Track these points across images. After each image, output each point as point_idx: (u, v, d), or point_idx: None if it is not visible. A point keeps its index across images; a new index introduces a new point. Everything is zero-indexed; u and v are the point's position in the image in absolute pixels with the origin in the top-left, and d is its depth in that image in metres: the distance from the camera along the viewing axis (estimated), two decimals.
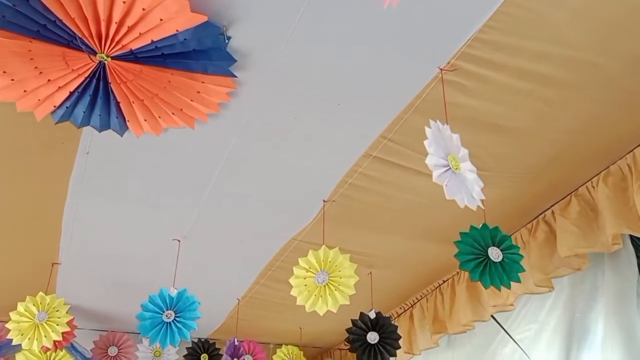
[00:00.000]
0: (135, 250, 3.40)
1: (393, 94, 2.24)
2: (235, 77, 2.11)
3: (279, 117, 2.36)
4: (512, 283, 2.12)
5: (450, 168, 1.91)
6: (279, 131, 2.45)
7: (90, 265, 3.58)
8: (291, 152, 2.58)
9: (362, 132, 2.45)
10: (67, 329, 3.47)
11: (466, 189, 1.91)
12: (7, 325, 3.45)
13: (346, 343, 4.63)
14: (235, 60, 2.04)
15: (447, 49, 2.03)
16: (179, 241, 3.24)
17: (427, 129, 1.88)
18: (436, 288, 3.92)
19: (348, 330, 3.13)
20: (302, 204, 2.97)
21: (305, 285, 2.65)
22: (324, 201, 2.91)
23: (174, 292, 3.06)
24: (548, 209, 3.01)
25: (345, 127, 2.42)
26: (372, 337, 3.11)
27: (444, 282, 3.84)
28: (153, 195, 2.92)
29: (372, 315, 3.28)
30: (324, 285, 2.67)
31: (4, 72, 2.02)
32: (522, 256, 2.16)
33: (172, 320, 3.08)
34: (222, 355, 4.58)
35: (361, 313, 3.21)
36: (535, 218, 3.09)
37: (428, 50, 2.03)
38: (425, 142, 1.86)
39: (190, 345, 4.54)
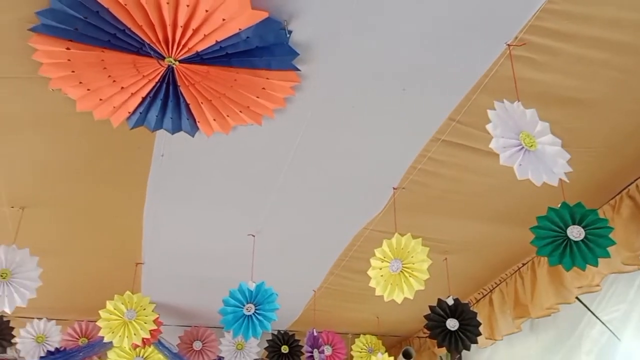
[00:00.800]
0: (213, 247, 3.50)
1: (459, 74, 2.19)
2: (299, 70, 2.12)
3: (344, 107, 2.36)
4: (599, 260, 2.03)
5: (522, 147, 1.85)
6: (344, 121, 2.45)
7: (172, 264, 3.71)
8: (358, 141, 2.58)
9: (429, 116, 2.42)
10: (154, 327, 3.62)
11: (544, 165, 1.84)
12: (98, 323, 3.63)
13: (424, 331, 4.60)
14: (298, 54, 2.05)
15: (514, 23, 1.96)
16: (254, 236, 3.30)
17: (490, 112, 1.83)
18: (515, 271, 3.81)
19: (426, 317, 3.10)
20: (372, 193, 2.96)
21: (382, 275, 2.64)
22: (393, 189, 2.89)
23: (252, 286, 3.13)
24: (632, 183, 2.86)
25: (411, 112, 2.39)
26: (452, 324, 3.07)
27: (523, 265, 3.73)
28: (226, 192, 2.99)
29: (450, 301, 3.24)
30: (399, 273, 2.66)
31: (80, 82, 2.12)
32: (611, 228, 2.06)
33: (253, 313, 3.15)
34: (302, 346, 4.64)
35: (439, 299, 3.17)
36: (618, 194, 2.95)
37: (494, 26, 1.97)
38: (489, 126, 1.81)
39: (270, 338, 4.64)
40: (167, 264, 3.70)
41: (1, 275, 2.84)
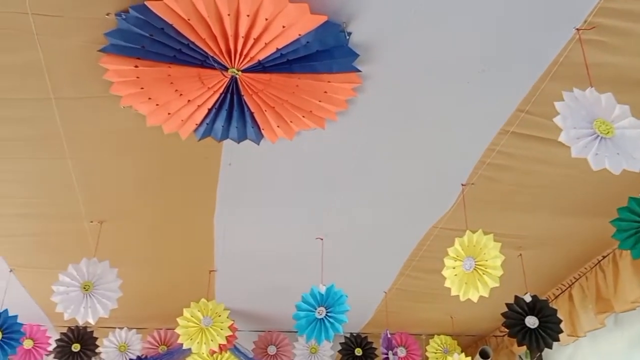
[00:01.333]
0: (282, 252, 3.54)
1: (526, 63, 2.12)
2: (360, 71, 2.12)
3: (407, 104, 2.33)
4: None
5: (597, 135, 1.77)
6: (408, 119, 2.42)
7: (243, 270, 3.78)
8: (423, 138, 2.54)
9: (496, 109, 2.35)
10: (230, 333, 3.69)
11: (624, 151, 1.75)
12: (177, 330, 3.74)
13: (502, 329, 4.49)
14: (358, 55, 2.04)
15: (582, 6, 1.88)
16: (322, 239, 3.31)
17: (557, 105, 1.76)
18: (595, 265, 3.65)
19: (504, 315, 3.02)
20: (440, 190, 2.92)
21: (456, 275, 2.59)
22: (462, 185, 2.83)
23: (322, 289, 3.13)
24: None
25: (477, 106, 2.33)
26: (532, 322, 2.97)
27: (604, 257, 3.57)
28: (293, 197, 3.02)
29: (528, 298, 3.13)
30: (472, 271, 2.60)
31: (149, 98, 2.19)
32: None
33: (324, 316, 3.16)
34: (375, 348, 4.62)
35: (516, 297, 3.08)
36: None
37: (561, 11, 1.90)
38: (557, 119, 1.74)
39: (343, 341, 4.64)
40: (239, 270, 3.77)
41: (84, 288, 2.97)
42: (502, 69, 2.14)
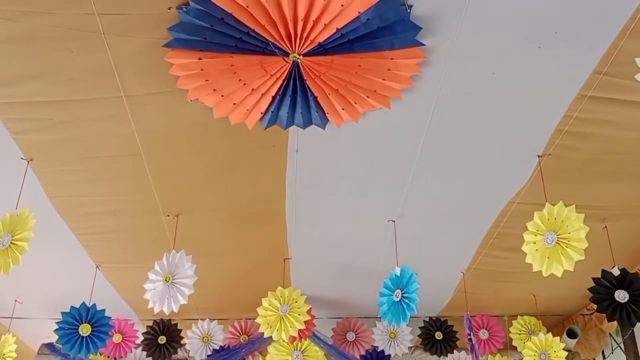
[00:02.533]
0: (355, 236, 3.52)
1: (600, 22, 1.99)
2: (424, 45, 2.05)
3: (475, 76, 2.25)
4: None
5: None
6: (477, 91, 2.33)
7: (317, 257, 3.79)
8: (494, 110, 2.45)
9: (570, 73, 2.23)
10: (308, 317, 3.72)
11: None
12: (257, 320, 3.80)
13: (589, 307, 4.29)
14: (421, 28, 1.98)
15: None
16: (394, 221, 3.26)
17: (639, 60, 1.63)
18: None
19: (592, 290, 2.88)
20: (515, 163, 2.81)
21: (537, 250, 2.49)
22: (538, 157, 2.71)
23: (398, 271, 3.10)
24: None
25: (550, 71, 2.22)
26: (621, 296, 2.82)
27: None
28: (362, 180, 2.99)
29: (616, 272, 2.98)
30: (555, 245, 2.49)
31: (214, 90, 2.22)
32: None
33: (400, 299, 3.12)
34: (456, 332, 4.54)
35: (603, 270, 2.93)
36: None
37: None
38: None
39: (422, 325, 4.58)
40: (313, 257, 3.78)
41: (165, 280, 3.07)
42: (575, 28, 2.02)
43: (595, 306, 4.19)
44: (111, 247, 3.57)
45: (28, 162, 2.67)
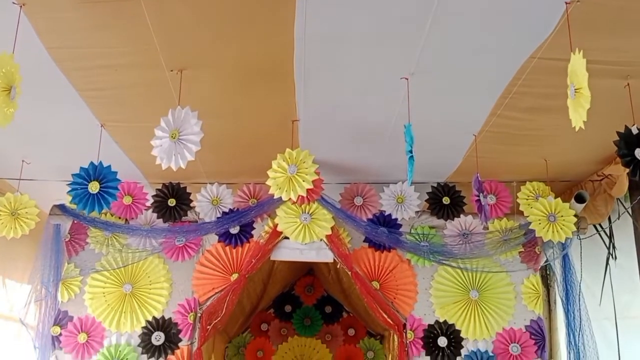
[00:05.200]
0: (366, 95, 3.39)
1: None
2: None
3: None
4: None
5: None
6: None
7: (326, 118, 3.69)
8: None
9: None
10: (315, 177, 3.72)
11: None
12: (267, 182, 3.81)
13: (599, 173, 4.25)
14: None
15: None
16: (407, 79, 3.13)
17: None
18: None
19: (617, 143, 2.79)
20: (538, 12, 2.60)
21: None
22: (565, 3, 2.51)
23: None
24: None
25: None
26: None
27: None
28: (375, 37, 2.82)
29: (635, 131, 2.88)
30: (574, 99, 2.37)
31: None
32: None
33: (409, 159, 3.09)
34: (463, 197, 4.57)
35: (626, 127, 2.84)
36: None
37: None
38: None
39: (430, 190, 4.60)
40: (322, 118, 3.69)
41: (172, 136, 3.01)
42: None
43: (605, 172, 4.19)
44: (114, 104, 3.48)
45: (20, 6, 2.52)
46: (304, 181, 3.82)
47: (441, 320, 4.40)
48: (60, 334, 4.33)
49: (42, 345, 4.27)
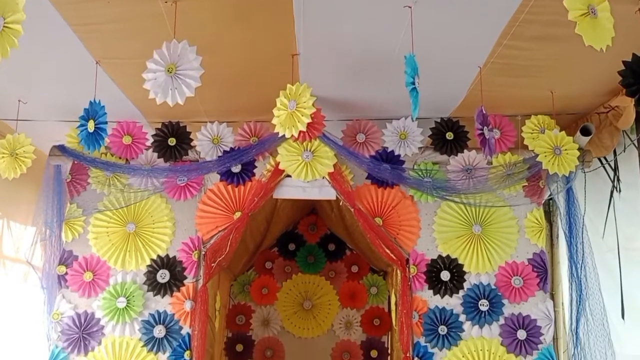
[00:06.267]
0: (368, 27, 3.28)
1: None
2: None
3: None
4: None
5: None
6: None
7: (327, 52, 3.59)
8: None
9: None
10: (314, 110, 3.66)
11: None
12: (273, 121, 3.76)
13: (606, 105, 4.17)
14: None
15: None
16: (410, 7, 3.01)
17: None
18: None
19: (621, 73, 2.71)
20: None
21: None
22: None
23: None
24: None
25: None
26: None
27: None
28: None
29: None
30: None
31: None
32: None
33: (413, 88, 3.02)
34: (467, 132, 4.50)
35: (634, 54, 2.75)
36: None
37: None
38: None
39: (433, 126, 4.54)
40: (322, 51, 3.58)
41: (168, 70, 2.93)
42: None
43: (612, 103, 4.11)
44: (109, 40, 3.37)
45: None
46: (302, 116, 3.76)
47: (444, 254, 4.42)
48: (66, 273, 4.37)
49: (49, 285, 4.33)
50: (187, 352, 4.22)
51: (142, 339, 4.29)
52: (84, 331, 4.27)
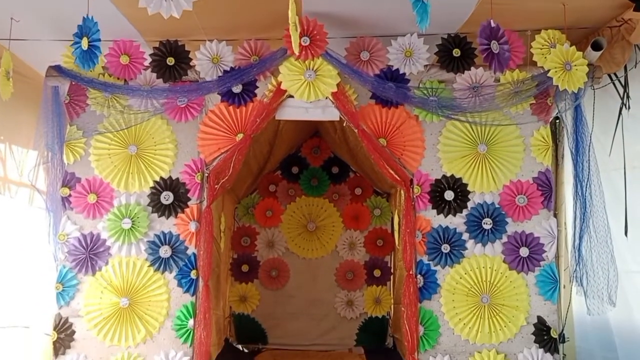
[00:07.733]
0: None
1: None
2: None
3: None
4: None
5: None
6: None
7: None
8: None
9: None
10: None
11: None
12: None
13: (618, 19, 4.02)
14: None
15: None
16: None
17: None
18: None
19: None
20: None
21: None
22: None
23: None
24: None
25: None
26: None
27: None
28: None
29: None
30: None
31: None
32: None
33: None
34: (474, 49, 4.38)
35: None
36: None
37: None
38: None
39: (439, 42, 4.40)
40: None
41: None
42: None
43: (625, 17, 3.95)
44: None
45: None
46: (296, 30, 3.61)
47: (448, 174, 4.39)
48: (70, 195, 4.37)
49: (53, 207, 4.34)
50: (194, 272, 4.28)
51: (148, 259, 4.34)
52: (91, 251, 4.32)
